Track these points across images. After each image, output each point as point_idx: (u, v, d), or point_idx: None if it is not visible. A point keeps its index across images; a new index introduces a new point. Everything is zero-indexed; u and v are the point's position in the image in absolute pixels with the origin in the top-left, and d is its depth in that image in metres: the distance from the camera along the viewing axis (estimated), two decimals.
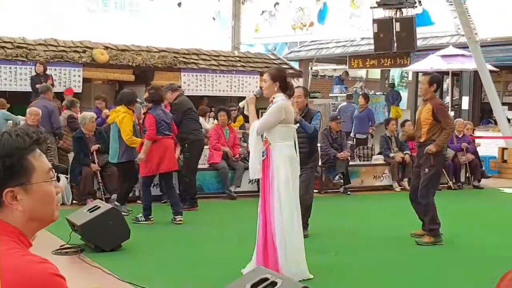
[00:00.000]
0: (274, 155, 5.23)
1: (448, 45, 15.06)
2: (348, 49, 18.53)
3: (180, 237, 7.10)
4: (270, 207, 5.22)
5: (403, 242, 6.93)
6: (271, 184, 5.21)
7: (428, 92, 6.88)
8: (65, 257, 6.03)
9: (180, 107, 8.69)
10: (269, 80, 5.36)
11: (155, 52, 14.09)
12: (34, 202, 1.61)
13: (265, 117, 5.25)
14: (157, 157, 7.72)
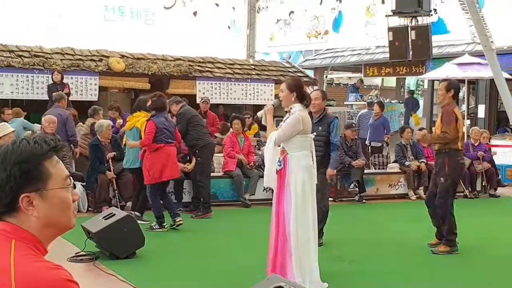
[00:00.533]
0: (291, 164, 5.26)
1: (464, 53, 14.96)
2: (363, 57, 18.49)
3: (195, 245, 7.11)
4: (284, 216, 5.22)
5: (418, 251, 6.88)
6: (287, 194, 5.22)
7: (445, 98, 6.80)
8: (80, 264, 6.06)
9: (184, 116, 8.84)
10: (286, 90, 5.39)
11: (171, 60, 14.16)
12: (50, 209, 1.63)
13: (283, 128, 5.28)
14: (160, 165, 7.71)
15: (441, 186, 6.77)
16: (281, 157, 5.29)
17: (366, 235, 7.77)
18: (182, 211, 9.19)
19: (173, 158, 7.91)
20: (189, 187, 9.52)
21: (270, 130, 5.34)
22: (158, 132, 7.69)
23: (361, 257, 6.52)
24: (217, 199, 9.81)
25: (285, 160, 5.28)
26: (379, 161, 12.49)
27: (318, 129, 6.89)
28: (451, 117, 6.72)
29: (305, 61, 20.26)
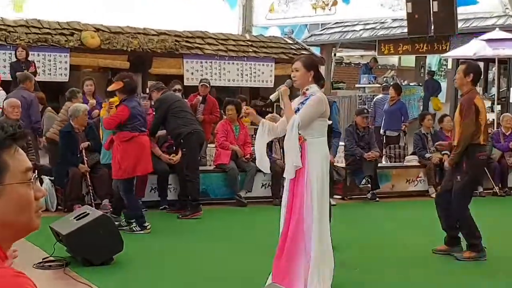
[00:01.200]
0: (311, 152, 5.31)
1: (494, 27, 14.93)
2: (377, 32, 18.45)
3: (180, 249, 7.12)
4: (301, 211, 5.24)
5: (440, 258, 6.88)
6: (306, 186, 5.26)
7: (463, 83, 6.78)
8: (48, 271, 6.05)
9: (163, 102, 8.87)
10: (302, 68, 5.43)
11: (154, 35, 14.11)
12: (5, 206, 1.60)
13: (305, 111, 5.31)
14: (134, 158, 7.66)
15: (457, 185, 6.78)
16: (299, 144, 5.34)
17: (379, 239, 7.78)
18: (167, 211, 9.23)
19: (147, 149, 7.90)
20: (175, 182, 9.52)
21: (289, 113, 5.34)
22: (131, 119, 7.62)
23: (372, 264, 6.53)
24: (207, 196, 9.81)
25: (303, 148, 5.32)
26: (395, 153, 12.49)
27: None
28: (471, 107, 6.66)
29: (310, 37, 20.22)
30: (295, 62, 5.57)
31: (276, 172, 10.18)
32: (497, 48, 13.92)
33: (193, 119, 9.20)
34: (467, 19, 15.95)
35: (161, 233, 7.86)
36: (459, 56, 15.87)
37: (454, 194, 6.79)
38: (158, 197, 9.43)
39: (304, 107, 5.34)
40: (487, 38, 14.22)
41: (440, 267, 6.58)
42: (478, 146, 6.76)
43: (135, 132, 7.68)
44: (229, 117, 10.32)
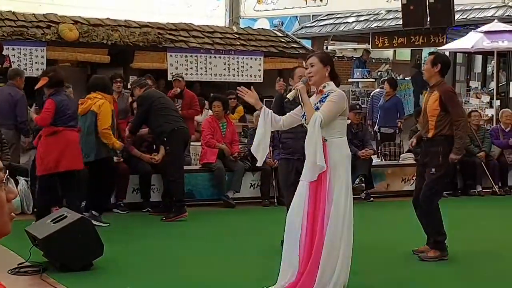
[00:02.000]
0: (333, 153, 5.30)
1: (493, 19, 15.00)
2: (371, 24, 18.50)
3: (165, 253, 7.09)
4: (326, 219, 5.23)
5: (437, 261, 6.89)
6: (329, 188, 5.25)
7: (431, 74, 6.88)
8: (24, 277, 6.01)
9: (145, 100, 8.90)
10: (318, 63, 5.43)
11: (135, 27, 14.05)
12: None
13: (328, 107, 5.29)
14: (57, 152, 7.67)
15: (430, 178, 6.82)
16: None
17: (374, 240, 7.78)
18: (151, 213, 9.20)
19: (74, 145, 7.85)
20: (158, 183, 9.49)
21: (309, 111, 5.31)
22: (58, 113, 7.66)
23: (367, 268, 6.52)
24: (193, 197, 9.80)
25: (325, 149, 5.29)
26: (391, 151, 12.52)
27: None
28: (454, 96, 6.83)
29: (301, 29, 20.24)
30: (310, 58, 5.55)
31: (265, 172, 10.19)
32: (496, 40, 13.98)
33: (177, 116, 9.19)
34: (465, 10, 16.02)
35: (144, 237, 7.84)
36: (456, 49, 15.94)
37: (425, 187, 6.82)
38: (140, 198, 9.41)
39: (326, 103, 5.30)
40: (485, 30, 14.27)
41: (438, 270, 6.58)
42: (453, 138, 6.83)
43: (60, 127, 7.70)
44: (216, 114, 10.29)
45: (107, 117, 8.12)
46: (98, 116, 8.08)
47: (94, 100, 8.16)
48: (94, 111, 8.10)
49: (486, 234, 8.38)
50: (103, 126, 8.09)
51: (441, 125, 6.80)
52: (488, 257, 7.14)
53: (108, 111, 8.14)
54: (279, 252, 7.15)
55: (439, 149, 6.81)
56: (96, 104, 8.10)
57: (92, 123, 8.11)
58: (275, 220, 9.14)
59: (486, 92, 17.06)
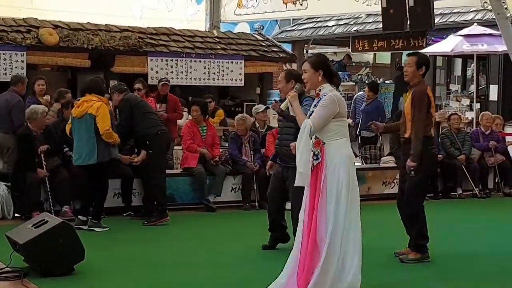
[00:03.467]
0: (331, 155, 5.34)
1: (472, 22, 15.13)
2: (351, 28, 18.56)
3: (146, 258, 7.08)
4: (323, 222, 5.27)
5: (419, 264, 6.95)
6: (329, 194, 5.30)
7: (415, 76, 6.90)
8: (5, 283, 5.97)
9: (126, 104, 8.91)
10: (310, 69, 5.50)
11: (116, 32, 14.01)
12: None
13: (317, 113, 5.34)
14: None
15: (411, 181, 6.86)
16: (317, 149, 5.35)
17: None
18: (132, 217, 9.18)
19: None
20: (140, 187, 9.48)
21: (300, 118, 5.36)
22: None
23: None
24: (174, 201, 9.80)
25: (323, 152, 5.35)
26: (371, 154, 12.59)
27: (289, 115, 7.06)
28: (423, 98, 6.80)
29: (281, 33, 20.27)
30: (303, 63, 5.62)
31: (246, 175, 10.21)
32: (476, 44, 14.10)
33: (158, 119, 9.21)
34: (444, 13, 16.12)
35: (125, 241, 7.83)
36: (436, 53, 16.05)
37: (408, 191, 6.88)
38: (122, 203, 9.38)
39: (316, 109, 5.37)
40: (465, 34, 14.40)
41: (419, 273, 6.63)
42: (430, 139, 6.90)
43: None
44: (194, 118, 10.29)
45: (107, 118, 8.19)
46: (97, 118, 8.10)
47: (91, 103, 8.17)
48: (92, 113, 8.12)
49: (467, 237, 8.45)
50: (105, 128, 8.13)
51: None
52: (469, 259, 7.21)
53: (106, 112, 8.22)
54: (261, 255, 7.22)
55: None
56: (94, 107, 8.11)
57: (91, 125, 8.13)
58: (256, 223, 9.18)
59: (466, 95, 17.21)
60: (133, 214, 9.26)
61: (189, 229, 8.75)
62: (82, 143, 8.18)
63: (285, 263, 5.52)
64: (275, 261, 6.88)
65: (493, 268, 6.86)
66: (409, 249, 7.02)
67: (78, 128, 8.23)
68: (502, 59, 15.67)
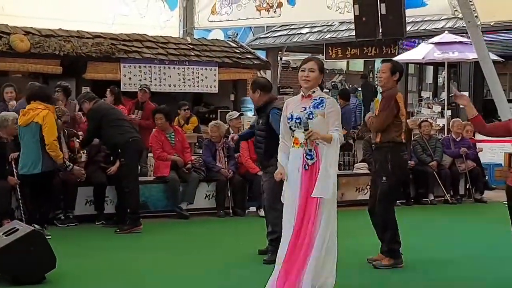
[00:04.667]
0: (324, 154, 5.45)
1: (443, 30, 15.30)
2: (324, 35, 18.68)
3: (118, 266, 7.04)
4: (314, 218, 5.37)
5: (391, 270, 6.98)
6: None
7: (389, 82, 6.97)
8: None
9: (96, 113, 8.90)
10: (317, 70, 5.62)
11: (88, 38, 13.95)
12: None
13: (338, 120, 5.54)
14: None
15: (383, 187, 6.91)
16: (312, 147, 5.44)
17: None
18: (104, 225, 9.12)
19: None
20: (112, 194, 9.41)
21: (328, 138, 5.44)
22: None
23: None
24: (147, 209, 9.74)
25: (317, 152, 5.44)
26: (345, 160, 12.64)
27: (259, 122, 7.23)
28: (389, 102, 6.88)
29: (256, 40, 20.33)
30: (308, 62, 5.67)
31: (220, 182, 10.19)
32: (447, 51, 14.26)
33: (130, 126, 9.15)
34: (416, 21, 16.29)
35: (98, 249, 7.77)
36: (408, 60, 16.20)
37: (380, 197, 6.92)
38: (94, 210, 9.31)
39: (334, 116, 5.51)
40: (436, 42, 14.55)
41: (391, 278, 6.67)
42: (401, 145, 6.97)
43: None
44: (160, 126, 10.24)
45: (54, 128, 8.02)
46: (43, 128, 7.94)
47: (37, 111, 7.99)
48: (38, 122, 7.95)
49: (438, 242, 8.51)
50: (51, 138, 7.96)
51: (388, 131, 6.87)
52: (441, 264, 7.26)
53: (53, 122, 8.05)
54: (236, 262, 7.20)
55: (387, 157, 6.89)
56: (40, 115, 7.94)
57: (37, 134, 7.97)
58: (231, 231, 9.20)
59: (437, 102, 17.38)
60: (106, 222, 9.19)
61: (162, 236, 8.70)
62: (28, 152, 8.05)
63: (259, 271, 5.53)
64: (250, 268, 6.91)
65: (465, 274, 6.92)
66: (381, 255, 7.06)
67: (24, 137, 8.10)
68: (473, 66, 15.87)
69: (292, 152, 5.56)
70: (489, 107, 16.50)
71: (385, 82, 6.99)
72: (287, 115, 5.60)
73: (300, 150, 5.49)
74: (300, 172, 5.47)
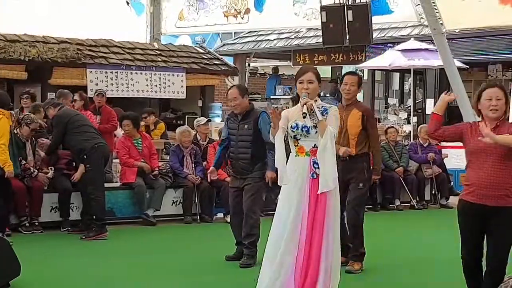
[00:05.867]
0: None
1: (409, 37, 15.46)
2: (292, 42, 18.74)
3: (84, 273, 6.98)
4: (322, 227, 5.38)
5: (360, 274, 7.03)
6: (329, 201, 5.42)
7: (355, 95, 7.19)
8: None
9: (60, 119, 8.85)
10: (315, 80, 5.68)
11: (54, 43, 13.86)
12: None
13: (336, 123, 5.59)
14: None
15: (359, 193, 7.04)
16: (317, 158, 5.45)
17: None
18: (70, 231, 9.04)
19: None
20: (78, 201, 9.33)
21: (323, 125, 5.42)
22: None
23: None
24: (113, 215, 9.68)
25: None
26: None
27: (244, 128, 7.21)
28: (374, 118, 7.32)
29: (223, 46, 20.32)
30: (307, 73, 5.69)
31: (187, 188, 10.16)
32: (413, 58, 14.41)
33: (95, 132, 9.09)
34: (382, 29, 16.44)
35: (63, 256, 7.70)
36: (375, 67, 16.36)
37: (355, 201, 7.01)
38: (59, 217, 9.22)
39: (332, 120, 5.52)
40: (402, 48, 14.70)
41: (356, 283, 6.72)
42: (369, 154, 7.16)
43: None
44: (127, 133, 10.20)
45: (5, 133, 7.96)
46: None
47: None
48: None
49: (404, 247, 8.59)
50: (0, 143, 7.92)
51: (362, 142, 7.02)
52: (407, 269, 7.33)
53: (6, 126, 7.99)
54: (203, 269, 7.18)
55: (363, 165, 7.04)
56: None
57: None
58: (198, 237, 9.17)
59: (403, 108, 17.56)
60: (71, 229, 9.11)
61: (128, 243, 8.65)
62: None
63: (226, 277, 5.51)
64: (217, 275, 6.90)
65: (430, 278, 6.98)
66: (351, 261, 7.08)
67: None
68: (438, 73, 16.06)
69: (296, 161, 5.54)
70: (454, 113, 16.73)
71: (354, 94, 7.15)
72: (291, 125, 5.56)
73: (306, 158, 5.49)
74: (307, 181, 5.45)
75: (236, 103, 7.22)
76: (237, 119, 7.31)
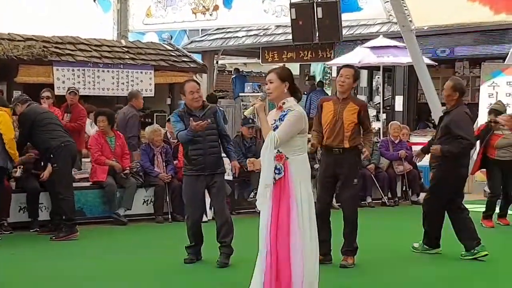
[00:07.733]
0: (293, 170, 5.38)
1: (378, 34, 15.56)
2: (260, 39, 18.75)
3: (54, 274, 6.91)
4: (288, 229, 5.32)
5: (331, 269, 7.04)
6: (291, 204, 5.33)
7: (350, 88, 7.17)
8: None
9: (27, 117, 8.74)
10: (276, 80, 5.50)
11: (19, 40, 13.66)
12: None
13: (284, 128, 5.36)
14: None
15: (354, 188, 7.18)
16: (280, 163, 5.36)
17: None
18: (39, 232, 8.92)
19: None
20: (47, 201, 9.21)
21: (266, 130, 5.34)
22: None
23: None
24: (84, 215, 9.61)
25: (286, 167, 5.37)
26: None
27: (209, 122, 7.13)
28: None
29: (191, 43, 20.25)
30: (269, 74, 5.63)
31: (158, 187, 10.09)
32: (382, 55, 14.50)
33: (63, 131, 8.96)
34: (351, 26, 16.52)
35: (32, 258, 7.61)
36: (344, 64, 16.40)
37: (351, 198, 7.16)
38: (28, 217, 9.09)
39: (283, 124, 5.38)
40: (371, 46, 14.78)
41: (340, 281, 6.72)
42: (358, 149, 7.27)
43: None
44: (102, 129, 10.09)
45: (11, 127, 8.21)
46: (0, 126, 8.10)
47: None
48: None
49: (377, 244, 8.62)
50: (10, 135, 8.16)
51: (356, 136, 7.11)
52: (380, 266, 7.39)
53: (9, 121, 8.22)
54: (174, 268, 7.14)
55: (355, 159, 7.14)
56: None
57: None
58: (169, 236, 9.11)
59: (372, 106, 17.66)
60: (40, 229, 8.99)
61: (99, 243, 8.58)
62: None
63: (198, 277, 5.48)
64: (189, 274, 6.86)
65: (401, 277, 7.03)
66: (345, 256, 7.17)
67: None
68: (407, 70, 16.20)
69: None
70: (423, 110, 16.91)
71: (347, 88, 7.12)
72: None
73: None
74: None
75: (199, 95, 7.21)
76: (197, 115, 7.10)
